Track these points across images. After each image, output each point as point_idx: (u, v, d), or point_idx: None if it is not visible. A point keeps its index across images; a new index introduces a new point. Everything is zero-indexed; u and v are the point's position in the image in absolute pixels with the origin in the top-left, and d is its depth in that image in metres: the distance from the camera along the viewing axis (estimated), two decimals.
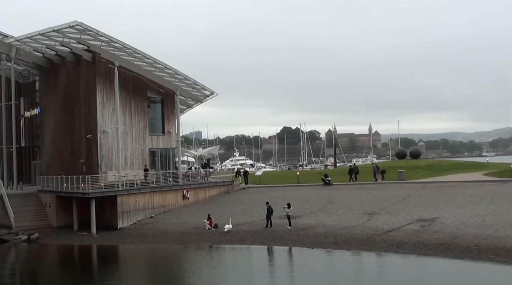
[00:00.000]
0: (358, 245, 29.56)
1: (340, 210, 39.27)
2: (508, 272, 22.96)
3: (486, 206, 35.26)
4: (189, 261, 30.87)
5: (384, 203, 40.14)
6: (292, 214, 36.27)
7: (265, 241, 33.01)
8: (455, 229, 29.81)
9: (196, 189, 49.92)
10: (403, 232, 30.80)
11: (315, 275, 24.94)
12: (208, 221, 38.15)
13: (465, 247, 26.50)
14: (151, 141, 52.65)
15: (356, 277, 24.65)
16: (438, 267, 24.74)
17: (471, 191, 41.85)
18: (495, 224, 30.00)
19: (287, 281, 24.81)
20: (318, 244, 30.64)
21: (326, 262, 28.27)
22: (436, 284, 22.25)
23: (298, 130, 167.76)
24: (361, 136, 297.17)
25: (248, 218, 39.39)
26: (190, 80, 53.06)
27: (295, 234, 33.44)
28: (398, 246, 28.24)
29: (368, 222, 34.46)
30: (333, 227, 34.07)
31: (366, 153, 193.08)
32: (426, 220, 32.86)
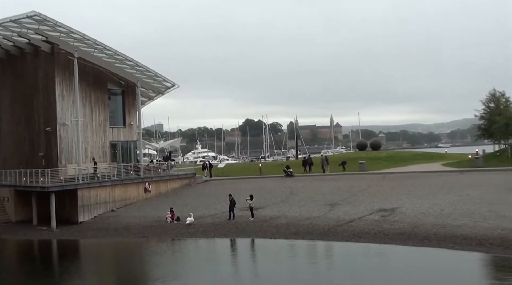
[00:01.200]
0: (320, 235, 29.88)
1: (302, 201, 39.58)
2: (466, 259, 23.49)
3: (445, 196, 36.03)
4: (151, 254, 30.68)
5: (346, 194, 40.63)
6: (254, 206, 36.40)
7: (228, 233, 33.08)
8: (414, 219, 30.38)
9: (158, 182, 49.66)
10: (364, 222, 31.23)
11: (277, 265, 25.16)
12: (170, 214, 37.99)
13: (424, 236, 27.04)
14: (112, 133, 52.04)
15: (314, 265, 25.26)
16: (397, 255, 25.25)
17: (430, 181, 42.71)
18: (453, 213, 30.68)
19: (250, 272, 24.91)
20: (280, 235, 30.86)
21: (288, 252, 28.51)
22: (393, 270, 22.73)
23: (261, 122, 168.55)
24: (322, 128, 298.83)
25: (210, 211, 39.37)
26: (151, 72, 52.55)
27: (258, 225, 33.59)
28: (359, 236, 28.64)
29: (330, 212, 34.82)
30: (295, 218, 34.34)
31: (328, 144, 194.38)
32: (386, 210, 33.39)
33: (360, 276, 21.87)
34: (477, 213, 29.88)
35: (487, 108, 61.61)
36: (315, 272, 23.70)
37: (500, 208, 30.47)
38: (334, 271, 23.79)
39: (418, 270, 22.34)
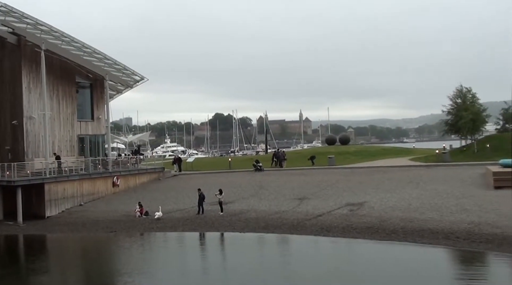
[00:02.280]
0: (289, 229, 30.00)
1: (271, 195, 39.69)
2: (432, 252, 23.82)
3: (412, 190, 36.50)
4: (119, 249, 30.46)
5: (314, 188, 40.86)
6: (224, 200, 36.35)
7: (197, 228, 32.99)
8: (382, 213, 30.69)
9: (126, 176, 49.29)
10: (332, 216, 31.43)
11: (245, 258, 25.23)
12: (139, 209, 37.71)
13: (392, 229, 27.34)
14: (80, 127, 51.33)
15: (283, 257, 25.61)
16: (364, 248, 25.50)
17: (398, 176, 43.22)
18: (420, 207, 31.07)
19: (217, 265, 24.91)
20: (250, 229, 30.91)
21: (256, 245, 28.61)
22: (358, 262, 23.06)
23: (230, 116, 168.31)
24: (292, 123, 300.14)
25: (179, 205, 39.22)
26: (120, 65, 51.98)
27: (227, 219, 33.57)
28: (328, 230, 28.83)
29: (299, 207, 34.97)
30: (264, 212, 34.40)
31: (297, 139, 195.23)
32: (354, 205, 33.66)
33: (326, 269, 22.08)
34: (443, 207, 30.32)
35: (454, 103, 62.49)
36: (282, 264, 23.87)
37: (466, 202, 30.98)
38: (300, 264, 23.87)
39: (383, 263, 22.64)
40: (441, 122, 69.51)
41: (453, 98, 62.77)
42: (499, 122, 69.54)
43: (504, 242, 23.13)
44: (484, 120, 62.42)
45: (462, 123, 59.29)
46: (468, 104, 60.90)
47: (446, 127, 64.59)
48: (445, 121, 64.55)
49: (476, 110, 60.46)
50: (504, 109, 68.01)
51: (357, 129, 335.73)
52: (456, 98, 62.57)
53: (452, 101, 62.80)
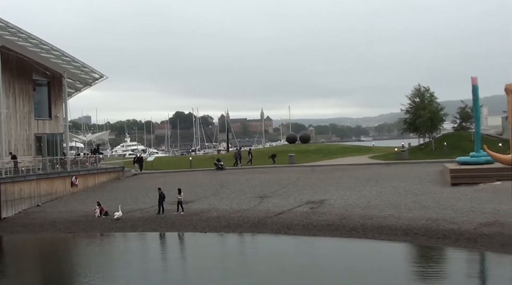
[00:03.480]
0: (250, 228, 30.00)
1: (232, 194, 39.64)
2: (391, 248, 24.16)
3: (372, 188, 36.92)
4: (77, 250, 29.98)
5: (275, 186, 40.98)
6: (184, 200, 36.12)
7: (157, 228, 32.70)
8: (342, 210, 30.92)
9: (85, 176, 48.54)
10: (293, 214, 31.55)
11: (206, 257, 25.11)
12: (99, 208, 37.13)
13: (351, 227, 27.58)
14: (37, 126, 50.30)
15: (243, 255, 25.78)
16: (324, 245, 25.71)
17: (358, 174, 43.70)
18: (379, 204, 31.43)
19: (177, 265, 24.79)
20: (211, 229, 30.78)
21: (217, 245, 28.54)
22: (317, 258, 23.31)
23: (191, 115, 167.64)
24: (253, 122, 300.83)
25: (139, 205, 38.78)
26: (78, 63, 51.07)
27: (188, 219, 33.35)
28: (288, 228, 28.92)
29: (260, 205, 35.00)
30: (225, 211, 34.31)
31: (259, 138, 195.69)
32: (315, 202, 33.84)
33: (285, 266, 22.18)
34: (402, 204, 30.73)
35: (413, 102, 63.52)
36: (241, 263, 23.90)
37: (424, 199, 31.48)
38: (258, 262, 23.92)
39: (343, 259, 22.97)
40: (400, 121, 70.63)
41: (412, 97, 63.81)
42: (456, 120, 71.02)
43: (461, 238, 23.58)
44: (442, 119, 63.64)
45: (421, 121, 60.33)
46: (426, 103, 61.96)
47: (405, 126, 65.65)
48: (404, 119, 65.60)
49: (434, 109, 61.58)
50: (460, 108, 69.48)
51: (318, 128, 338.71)
52: (415, 97, 63.62)
53: (410, 100, 63.83)
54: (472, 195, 31.20)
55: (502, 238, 22.59)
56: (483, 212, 26.73)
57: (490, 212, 26.66)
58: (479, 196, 30.79)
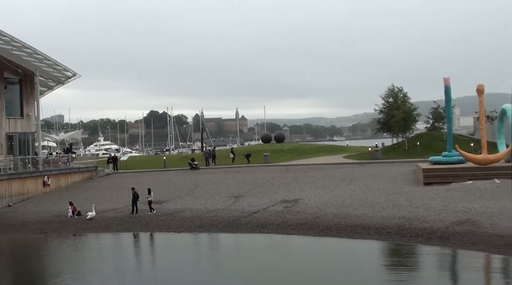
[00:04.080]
0: (225, 227, 29.93)
1: (207, 193, 39.54)
2: (364, 247, 24.33)
3: (346, 187, 37.15)
4: (49, 250, 29.59)
5: (250, 185, 41.00)
6: (158, 199, 35.93)
7: (131, 228, 32.42)
8: (316, 209, 31.03)
9: (57, 175, 47.97)
10: (267, 213, 31.57)
11: (178, 257, 24.99)
12: (71, 208, 36.67)
13: (325, 226, 27.68)
14: (8, 125, 49.50)
15: (217, 254, 25.75)
16: (298, 244, 25.81)
17: (332, 173, 43.93)
18: (353, 203, 31.61)
19: (150, 265, 24.65)
20: (185, 228, 30.63)
21: (190, 244, 28.44)
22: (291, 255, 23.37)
23: (165, 114, 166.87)
24: (228, 121, 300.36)
25: (113, 205, 38.44)
26: (51, 60, 50.41)
27: (162, 219, 33.14)
28: (263, 227, 28.94)
29: (234, 204, 34.95)
30: (199, 211, 34.19)
31: (233, 137, 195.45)
32: (289, 201, 33.93)
33: (257, 264, 22.24)
34: (376, 203, 30.96)
35: (386, 102, 64.00)
36: (215, 262, 23.90)
37: (397, 198, 31.76)
38: (232, 261, 23.91)
39: (315, 257, 23.10)
40: (373, 121, 71.08)
41: (385, 97, 64.30)
42: (429, 121, 71.74)
43: (433, 236, 23.82)
44: (415, 119, 64.27)
45: (394, 121, 60.81)
46: (399, 103, 62.47)
47: (379, 126, 66.11)
48: (378, 119, 66.05)
49: (407, 109, 62.14)
50: (433, 108, 70.20)
51: (292, 128, 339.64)
52: (388, 97, 64.11)
53: (384, 100, 64.31)
54: (444, 194, 31.58)
55: (474, 237, 22.89)
56: (455, 211, 27.07)
57: (462, 211, 27.00)
58: (451, 195, 31.17)
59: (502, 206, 27.01)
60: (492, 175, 34.87)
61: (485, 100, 40.76)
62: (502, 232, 22.79)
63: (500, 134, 42.62)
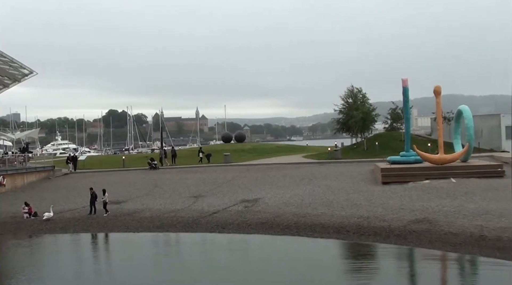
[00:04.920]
0: (184, 227, 29.73)
1: (166, 193, 39.28)
2: (322, 245, 24.50)
3: (305, 186, 37.37)
4: (3, 252, 28.90)
5: (210, 185, 40.90)
6: (117, 199, 35.52)
7: (89, 228, 31.88)
8: (276, 209, 31.12)
9: (13, 175, 46.94)
10: (228, 213, 31.51)
11: (135, 258, 24.71)
12: (27, 209, 35.89)
13: (285, 225, 27.77)
14: None
15: (175, 254, 25.64)
16: (257, 243, 25.85)
17: (292, 173, 44.16)
18: (313, 202, 31.81)
19: (108, 266, 24.36)
20: (144, 229, 30.30)
21: (149, 245, 28.13)
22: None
23: (125, 113, 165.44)
24: (188, 120, 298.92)
25: (70, 205, 37.79)
26: (6, 57, 49.20)
27: (120, 219, 32.72)
28: (223, 227, 28.85)
29: (194, 204, 34.79)
30: (159, 211, 33.91)
31: (193, 137, 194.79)
32: (250, 201, 33.95)
33: (215, 263, 22.21)
34: (335, 203, 31.22)
35: (346, 103, 64.78)
36: (172, 262, 23.73)
37: (356, 197, 32.10)
38: (191, 260, 23.80)
39: (273, 256, 23.15)
40: (333, 121, 71.84)
41: (345, 98, 65.10)
42: (387, 121, 72.87)
43: (391, 235, 24.13)
44: (374, 119, 65.26)
45: (353, 122, 61.61)
46: (358, 104, 63.32)
47: (338, 126, 66.92)
48: (337, 120, 66.83)
49: (366, 109, 63.02)
50: (391, 109, 71.30)
51: (253, 127, 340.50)
52: (348, 98, 64.93)
53: (344, 101, 65.11)
54: (402, 193, 32.07)
55: (430, 235, 23.27)
56: (412, 210, 27.51)
57: (419, 209, 27.46)
58: (408, 194, 31.67)
59: (458, 205, 27.61)
60: (449, 175, 35.62)
61: (442, 101, 41.54)
62: (457, 230, 23.25)
63: (456, 134, 43.63)
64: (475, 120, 45.37)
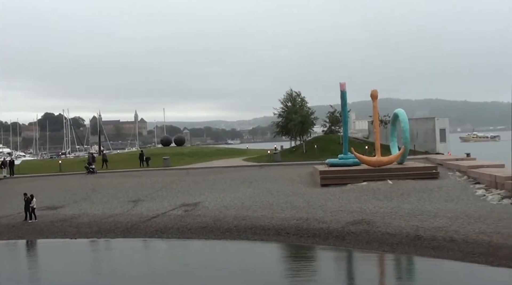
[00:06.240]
0: (123, 232, 29.29)
1: (104, 198, 38.61)
2: (262, 248, 24.64)
3: (246, 189, 37.46)
4: None
5: (149, 189, 40.45)
6: (54, 205, 34.71)
7: (25, 235, 30.89)
8: (217, 212, 31.06)
9: None
10: (167, 217, 31.23)
11: (70, 264, 24.18)
12: None
13: (226, 228, 27.77)
14: None
15: (110, 260, 25.09)
16: (196, 247, 25.73)
17: (232, 176, 44.18)
18: (253, 205, 31.91)
19: (44, 273, 23.71)
20: (81, 234, 29.67)
21: (85, 251, 27.59)
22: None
23: (61, 116, 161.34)
24: (127, 124, 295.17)
25: (5, 211, 36.54)
26: None
27: (57, 225, 31.91)
28: (162, 232, 28.58)
29: (133, 209, 34.33)
30: (97, 216, 33.28)
31: (132, 140, 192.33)
32: (189, 205, 33.76)
33: (153, 269, 21.96)
34: (275, 205, 31.42)
35: (285, 106, 65.41)
36: (108, 268, 23.31)
37: (295, 200, 32.39)
38: (127, 266, 23.47)
39: (213, 261, 23.03)
40: (273, 124, 72.41)
41: (284, 102, 65.75)
42: (326, 124, 73.81)
43: (330, 236, 24.47)
44: (312, 123, 66.12)
45: (292, 125, 62.23)
46: (297, 107, 64.06)
47: (278, 129, 67.45)
48: (277, 123, 67.39)
49: (305, 113, 63.81)
50: (330, 112, 72.33)
51: (193, 130, 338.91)
52: (287, 102, 65.60)
53: (283, 104, 65.75)
54: (340, 195, 32.57)
55: (368, 236, 23.73)
56: (351, 211, 27.98)
57: (357, 211, 27.96)
58: (347, 196, 32.19)
59: (395, 206, 28.27)
60: (385, 176, 36.38)
61: (379, 104, 42.47)
62: (394, 230, 23.80)
63: (392, 137, 44.72)
64: (411, 123, 46.68)
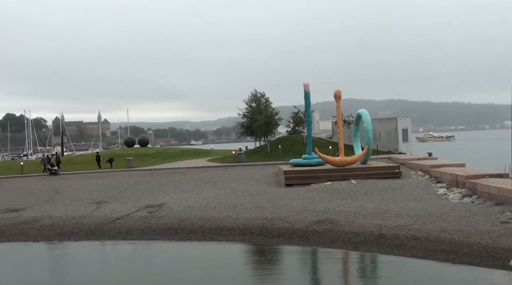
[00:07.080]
0: (86, 234, 28.97)
1: (67, 200, 38.17)
2: (225, 249, 24.69)
3: (210, 190, 37.46)
4: None
5: (113, 191, 40.16)
6: (15, 207, 34.17)
7: None
8: (181, 213, 30.98)
9: None
10: (131, 219, 31.02)
11: (31, 268, 23.86)
12: None
13: (190, 229, 27.71)
14: None
15: (72, 263, 24.57)
16: (160, 249, 25.63)
17: (197, 176, 44.20)
18: (218, 206, 31.93)
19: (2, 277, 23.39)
20: (44, 237, 29.23)
21: (47, 254, 27.23)
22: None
23: (23, 117, 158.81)
24: (90, 124, 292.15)
25: None
26: None
27: (19, 228, 31.39)
28: (126, 233, 28.35)
29: (97, 211, 34.01)
30: (60, 218, 32.86)
31: (95, 141, 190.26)
32: (154, 206, 33.61)
33: (114, 272, 21.87)
34: (239, 205, 31.49)
35: (250, 107, 65.65)
36: (69, 271, 23.04)
37: (260, 200, 32.53)
38: (88, 269, 23.25)
39: (175, 263, 22.98)
40: (237, 125, 72.61)
41: (249, 102, 65.99)
42: (290, 125, 74.42)
43: (294, 235, 24.63)
44: (277, 123, 66.51)
45: (257, 125, 62.49)
46: (262, 108, 64.32)
47: (242, 129, 67.62)
48: (241, 123, 67.57)
49: (269, 113, 64.15)
50: (294, 113, 72.89)
51: (157, 131, 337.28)
52: (251, 102, 65.86)
53: (247, 105, 65.98)
54: (304, 195, 32.83)
55: (332, 235, 23.95)
56: (315, 211, 28.21)
57: (321, 210, 28.21)
58: (311, 196, 32.48)
59: (358, 205, 28.62)
60: (349, 176, 36.84)
61: (342, 105, 42.93)
62: (358, 229, 24.09)
63: (356, 137, 45.30)
64: (374, 124, 47.37)
